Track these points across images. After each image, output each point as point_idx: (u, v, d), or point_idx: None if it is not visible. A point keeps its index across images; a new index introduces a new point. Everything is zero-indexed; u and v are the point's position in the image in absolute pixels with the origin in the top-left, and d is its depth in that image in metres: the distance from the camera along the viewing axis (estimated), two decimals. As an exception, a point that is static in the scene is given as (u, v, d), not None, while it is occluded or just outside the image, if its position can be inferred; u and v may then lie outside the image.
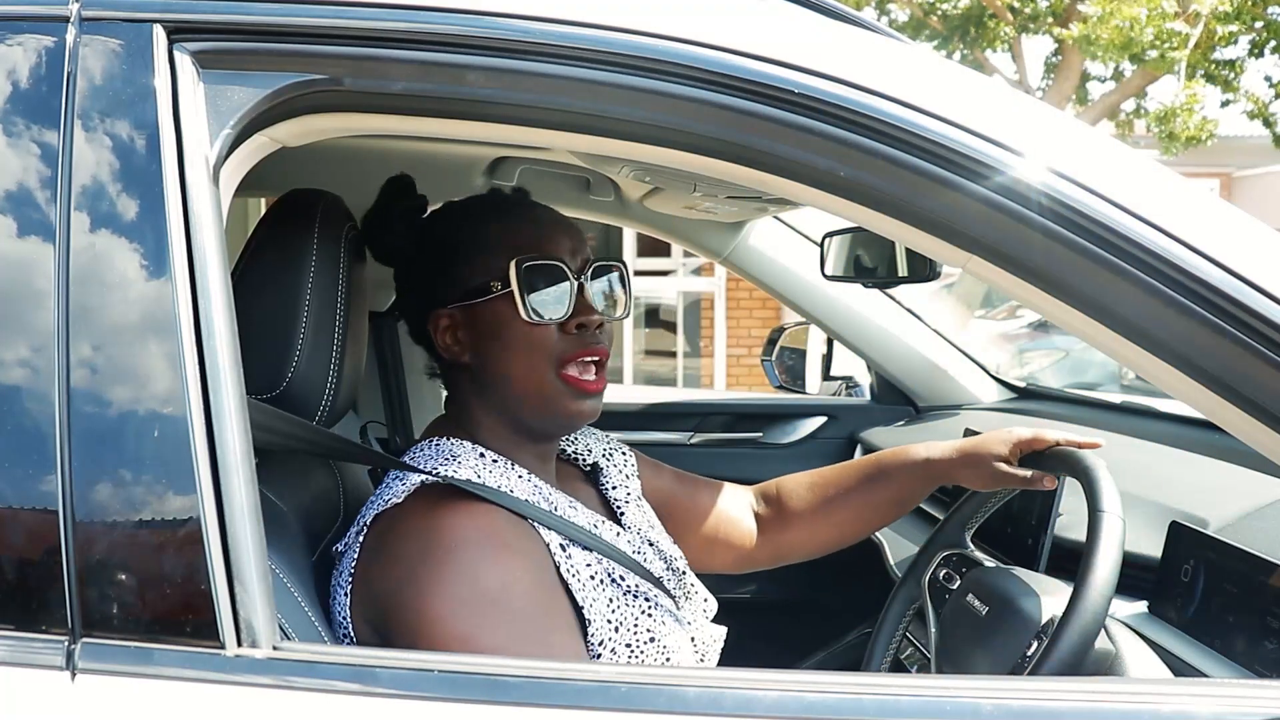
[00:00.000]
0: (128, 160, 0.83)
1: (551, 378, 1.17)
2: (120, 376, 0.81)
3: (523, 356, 1.17)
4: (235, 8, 0.87)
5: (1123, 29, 9.03)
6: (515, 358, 1.17)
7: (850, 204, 0.91)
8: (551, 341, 1.17)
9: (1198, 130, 9.73)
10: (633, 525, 1.32)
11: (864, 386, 2.66)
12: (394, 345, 2.40)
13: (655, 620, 1.15)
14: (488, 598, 1.02)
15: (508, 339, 1.17)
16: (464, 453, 1.17)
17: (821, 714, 0.79)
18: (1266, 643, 1.11)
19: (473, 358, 1.20)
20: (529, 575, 1.06)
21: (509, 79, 0.87)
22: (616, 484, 1.36)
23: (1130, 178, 0.87)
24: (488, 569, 1.04)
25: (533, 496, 1.15)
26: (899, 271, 1.90)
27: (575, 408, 1.18)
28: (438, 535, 1.05)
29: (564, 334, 1.18)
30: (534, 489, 1.17)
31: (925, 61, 0.92)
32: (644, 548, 1.26)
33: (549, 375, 1.17)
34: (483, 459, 1.17)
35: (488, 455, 1.18)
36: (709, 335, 9.31)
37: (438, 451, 1.17)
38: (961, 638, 1.28)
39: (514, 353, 1.17)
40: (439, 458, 1.16)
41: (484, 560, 1.04)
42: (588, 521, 1.19)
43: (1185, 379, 0.87)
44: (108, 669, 0.79)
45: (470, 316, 1.19)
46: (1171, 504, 1.46)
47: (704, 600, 1.34)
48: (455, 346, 1.21)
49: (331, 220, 1.16)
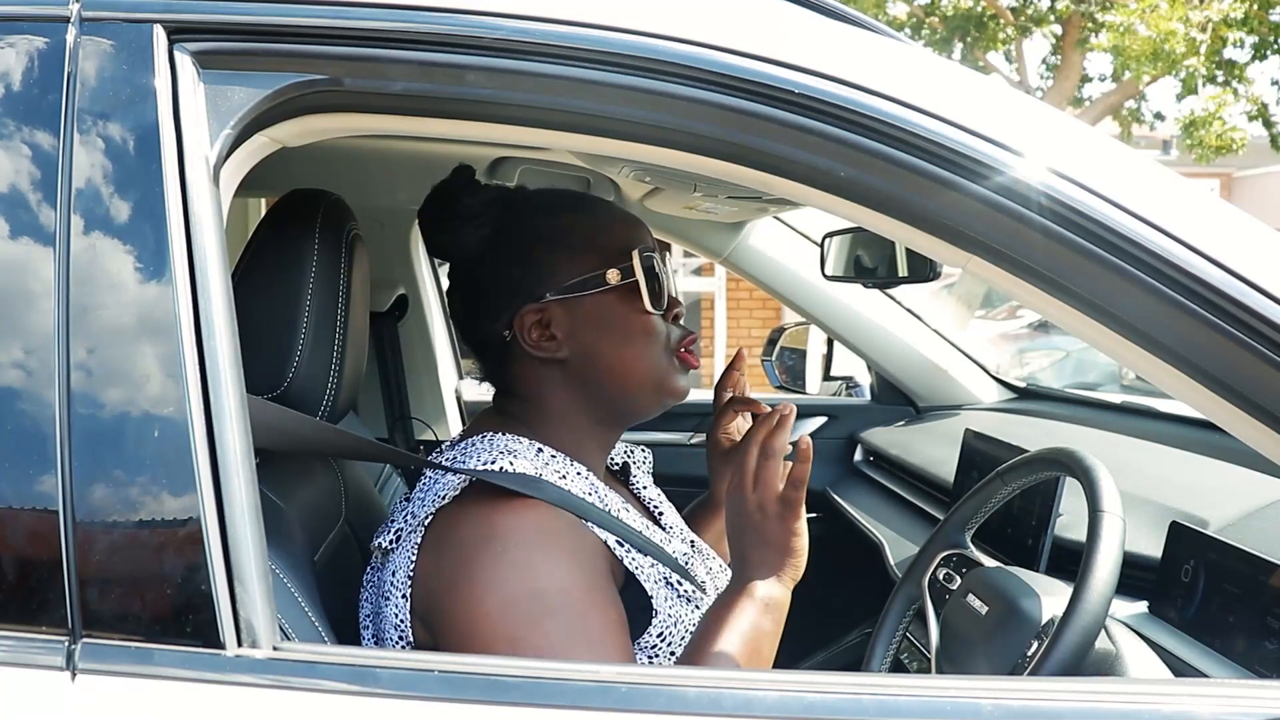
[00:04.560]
0: (128, 161, 0.83)
1: (665, 359, 1.20)
2: (120, 377, 0.81)
3: (640, 345, 1.19)
4: (235, 8, 0.87)
5: (1153, 40, 9.06)
6: (631, 347, 1.19)
7: (850, 204, 0.91)
8: (664, 328, 1.21)
9: (1227, 140, 9.74)
10: (673, 527, 1.31)
11: (864, 386, 2.67)
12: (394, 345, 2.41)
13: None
14: (541, 598, 1.01)
15: (626, 330, 1.18)
16: (521, 449, 1.14)
17: (821, 714, 0.79)
18: (1266, 643, 1.11)
19: (573, 351, 1.18)
20: (583, 575, 1.05)
21: (509, 79, 0.87)
22: (645, 484, 1.36)
23: (1130, 178, 0.87)
24: (542, 569, 1.03)
25: (590, 495, 1.14)
26: (899, 271, 1.91)
27: (681, 385, 1.22)
28: (492, 534, 1.04)
29: (666, 323, 1.21)
30: (591, 487, 1.16)
31: (925, 61, 0.92)
32: (688, 550, 1.25)
33: (662, 358, 1.20)
34: (540, 455, 1.15)
35: (545, 451, 1.16)
36: (709, 335, 9.31)
37: (492, 446, 1.14)
38: (961, 638, 1.28)
39: (630, 343, 1.19)
40: (494, 452, 1.12)
41: (538, 560, 1.03)
42: (639, 524, 1.19)
43: (1185, 379, 0.87)
44: (108, 669, 0.79)
45: (573, 309, 1.17)
46: (1171, 504, 1.46)
47: None
48: (548, 342, 1.18)
49: (333, 220, 1.16)
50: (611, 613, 1.06)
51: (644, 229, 1.24)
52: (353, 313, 1.17)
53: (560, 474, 1.13)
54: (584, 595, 1.03)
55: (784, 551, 1.10)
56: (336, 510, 1.28)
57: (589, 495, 1.14)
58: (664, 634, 1.11)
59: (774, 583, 1.10)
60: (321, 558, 1.18)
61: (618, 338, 1.18)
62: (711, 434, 1.42)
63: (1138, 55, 9.26)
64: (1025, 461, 1.33)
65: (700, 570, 1.23)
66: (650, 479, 1.39)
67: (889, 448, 2.32)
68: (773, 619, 1.09)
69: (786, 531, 1.10)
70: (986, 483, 1.38)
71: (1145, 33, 9.05)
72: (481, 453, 1.13)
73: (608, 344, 1.18)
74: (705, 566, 1.27)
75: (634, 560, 1.12)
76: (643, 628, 1.11)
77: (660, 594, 1.12)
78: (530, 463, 1.11)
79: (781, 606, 1.10)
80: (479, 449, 1.14)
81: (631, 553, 1.12)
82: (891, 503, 2.17)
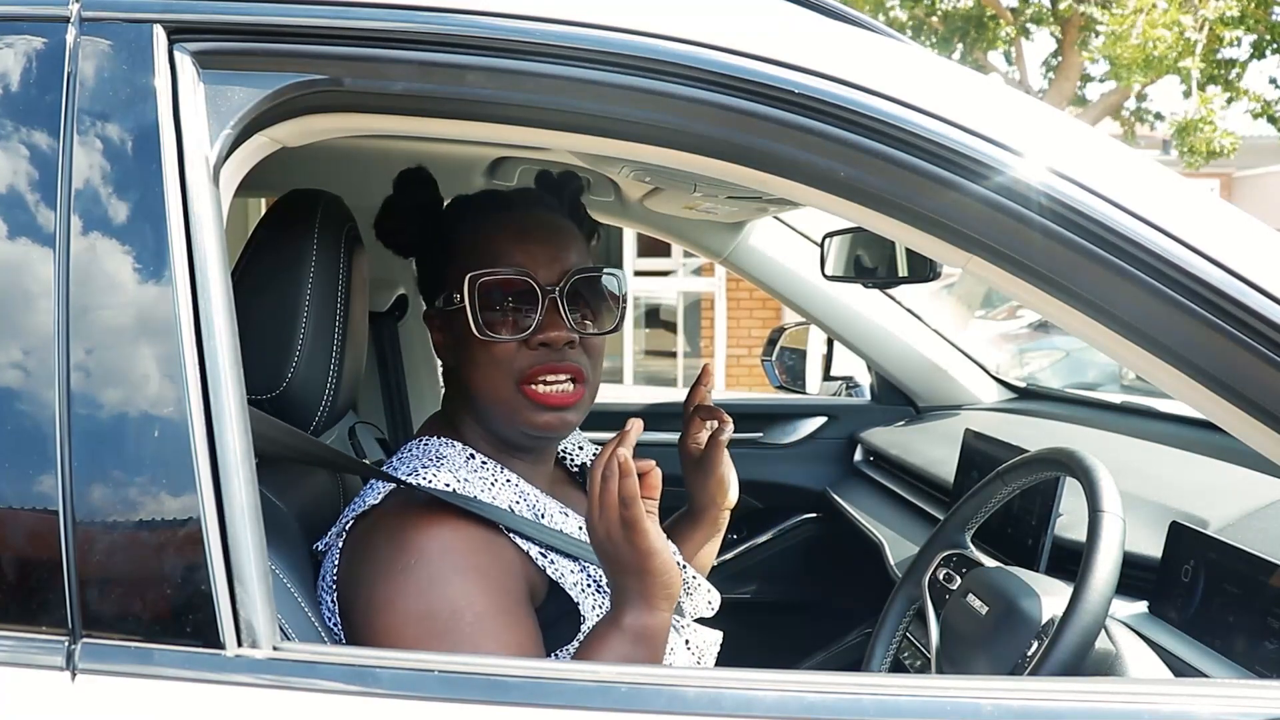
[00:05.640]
0: (127, 161, 0.83)
1: (512, 391, 1.14)
2: (120, 377, 0.81)
3: (482, 369, 1.14)
4: (235, 8, 0.87)
5: (1144, 47, 9.05)
6: (476, 370, 1.15)
7: (850, 204, 0.91)
8: (511, 357, 1.13)
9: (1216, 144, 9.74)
10: None
11: (864, 386, 2.67)
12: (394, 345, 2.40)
13: None
14: (437, 618, 1.01)
15: (470, 351, 1.15)
16: (451, 454, 1.16)
17: (821, 714, 0.79)
18: (1266, 643, 1.11)
19: (451, 363, 1.20)
20: (483, 597, 1.03)
21: (509, 79, 0.87)
22: None
23: (1130, 178, 0.87)
24: (439, 589, 1.02)
25: (517, 504, 1.14)
26: (899, 271, 1.90)
27: (540, 420, 1.14)
28: (405, 547, 1.04)
29: (527, 349, 1.14)
30: (518, 495, 1.15)
31: (925, 61, 0.92)
32: None
33: (509, 389, 1.14)
34: (470, 461, 1.16)
35: (477, 458, 1.17)
36: (709, 335, 9.31)
37: (424, 451, 1.16)
38: (961, 638, 1.28)
39: (475, 365, 1.15)
40: (424, 458, 1.15)
41: (439, 578, 1.03)
42: (578, 527, 1.18)
43: (1185, 379, 0.87)
44: (108, 669, 0.79)
45: (446, 321, 1.19)
46: (1171, 504, 1.46)
47: (708, 592, 1.33)
48: (441, 349, 1.21)
49: (331, 220, 1.16)
50: (521, 630, 1.04)
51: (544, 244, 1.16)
52: (352, 312, 1.17)
53: (489, 481, 1.13)
54: (476, 619, 1.01)
55: (641, 574, 1.02)
56: (335, 510, 1.28)
57: (516, 504, 1.13)
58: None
59: (643, 610, 1.02)
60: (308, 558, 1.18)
61: (467, 357, 1.16)
62: (681, 444, 1.38)
63: (1128, 64, 9.27)
64: (1025, 461, 1.33)
65: None
66: None
67: (889, 448, 2.32)
68: (646, 648, 1.03)
69: (636, 553, 1.01)
70: (986, 483, 1.38)
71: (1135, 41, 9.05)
72: (414, 458, 1.15)
73: (463, 362, 1.17)
74: None
75: (557, 569, 1.11)
76: (571, 635, 1.10)
77: (587, 600, 1.12)
78: (455, 472, 1.10)
79: (655, 633, 1.03)
80: (413, 454, 1.16)
81: (556, 561, 1.11)
82: (891, 503, 2.17)
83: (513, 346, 1.13)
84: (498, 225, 1.18)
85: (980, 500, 1.40)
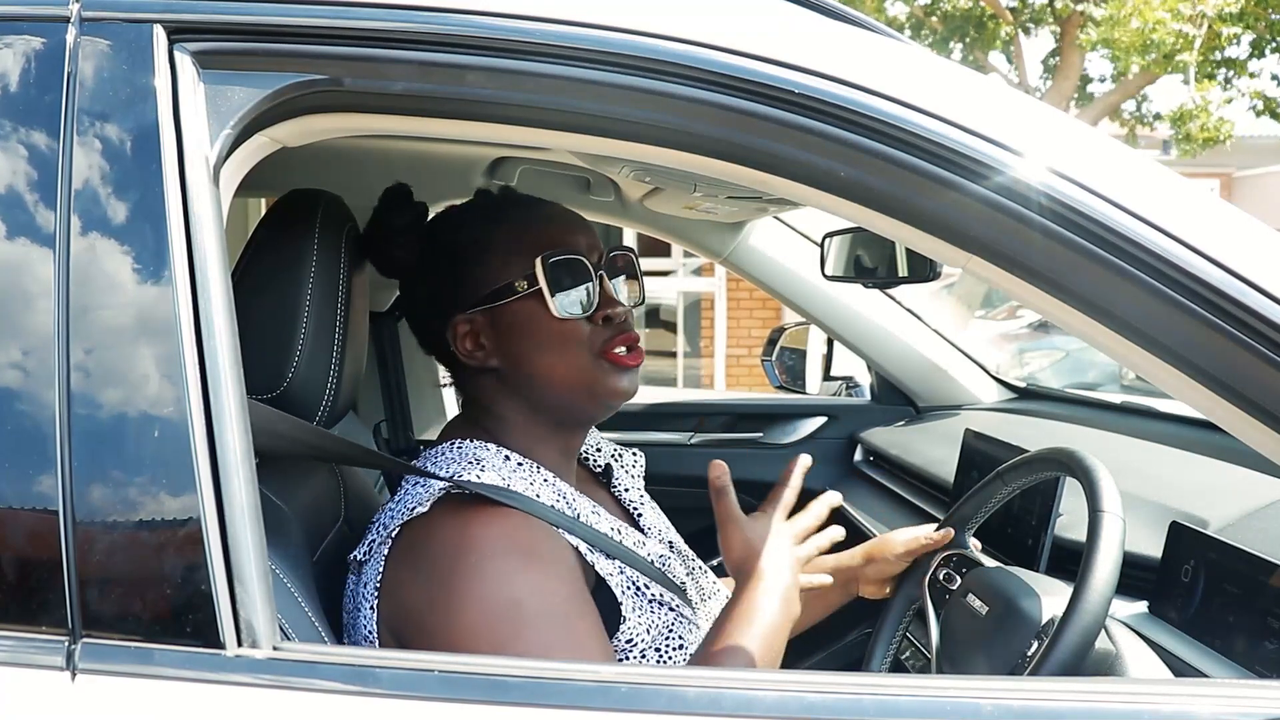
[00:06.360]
0: (127, 161, 0.83)
1: (592, 362, 1.18)
2: (120, 377, 0.81)
3: (558, 351, 1.18)
4: (235, 8, 0.87)
5: (1142, 31, 9.05)
6: (549, 353, 1.18)
7: (850, 204, 0.91)
8: (585, 334, 1.18)
9: (1214, 131, 9.74)
10: (651, 528, 1.31)
11: (864, 386, 2.66)
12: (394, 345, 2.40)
13: (685, 628, 1.15)
14: (519, 607, 1.02)
15: (541, 337, 1.17)
16: (488, 456, 1.16)
17: (821, 714, 0.79)
18: (1266, 643, 1.11)
19: (501, 360, 1.19)
20: (559, 582, 1.06)
21: (509, 79, 0.87)
22: (628, 485, 1.36)
23: (1130, 178, 0.87)
24: (518, 578, 1.03)
25: (557, 502, 1.15)
26: (899, 271, 1.90)
27: (618, 385, 1.20)
28: (467, 545, 1.05)
29: (593, 325, 1.19)
30: (558, 494, 1.16)
31: (925, 61, 0.92)
32: (665, 552, 1.24)
33: (588, 362, 1.18)
34: (508, 462, 1.16)
35: (513, 458, 1.17)
36: (709, 335, 9.30)
37: (460, 455, 1.16)
38: (961, 638, 1.28)
39: (549, 349, 1.18)
40: (462, 461, 1.14)
41: (515, 569, 1.04)
42: (610, 528, 1.19)
43: (1185, 379, 0.87)
44: (108, 669, 0.79)
45: (494, 319, 1.19)
46: (1171, 504, 1.46)
47: (726, 597, 1.33)
48: (479, 351, 1.20)
49: (332, 220, 1.16)
50: (590, 617, 1.06)
51: (581, 230, 1.22)
52: (352, 312, 1.17)
53: (528, 481, 1.14)
54: (562, 602, 1.04)
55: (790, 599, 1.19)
56: (336, 510, 1.28)
57: (556, 502, 1.15)
58: (633, 639, 1.11)
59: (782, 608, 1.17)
60: (321, 558, 1.18)
61: (536, 344, 1.18)
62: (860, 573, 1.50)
63: (1126, 47, 9.25)
64: (1025, 461, 1.33)
65: (679, 571, 1.23)
66: (637, 481, 1.38)
67: (889, 448, 2.32)
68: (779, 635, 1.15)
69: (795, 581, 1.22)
70: (986, 483, 1.38)
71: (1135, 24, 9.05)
72: (451, 462, 1.15)
73: (529, 351, 1.18)
74: (685, 567, 1.28)
75: (602, 565, 1.12)
76: (611, 632, 1.11)
77: (628, 600, 1.13)
78: (498, 470, 1.12)
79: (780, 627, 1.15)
80: (449, 458, 1.16)
81: (600, 558, 1.13)
82: (891, 503, 2.17)
83: (583, 323, 1.18)
84: (533, 217, 1.22)
85: (980, 500, 1.40)
